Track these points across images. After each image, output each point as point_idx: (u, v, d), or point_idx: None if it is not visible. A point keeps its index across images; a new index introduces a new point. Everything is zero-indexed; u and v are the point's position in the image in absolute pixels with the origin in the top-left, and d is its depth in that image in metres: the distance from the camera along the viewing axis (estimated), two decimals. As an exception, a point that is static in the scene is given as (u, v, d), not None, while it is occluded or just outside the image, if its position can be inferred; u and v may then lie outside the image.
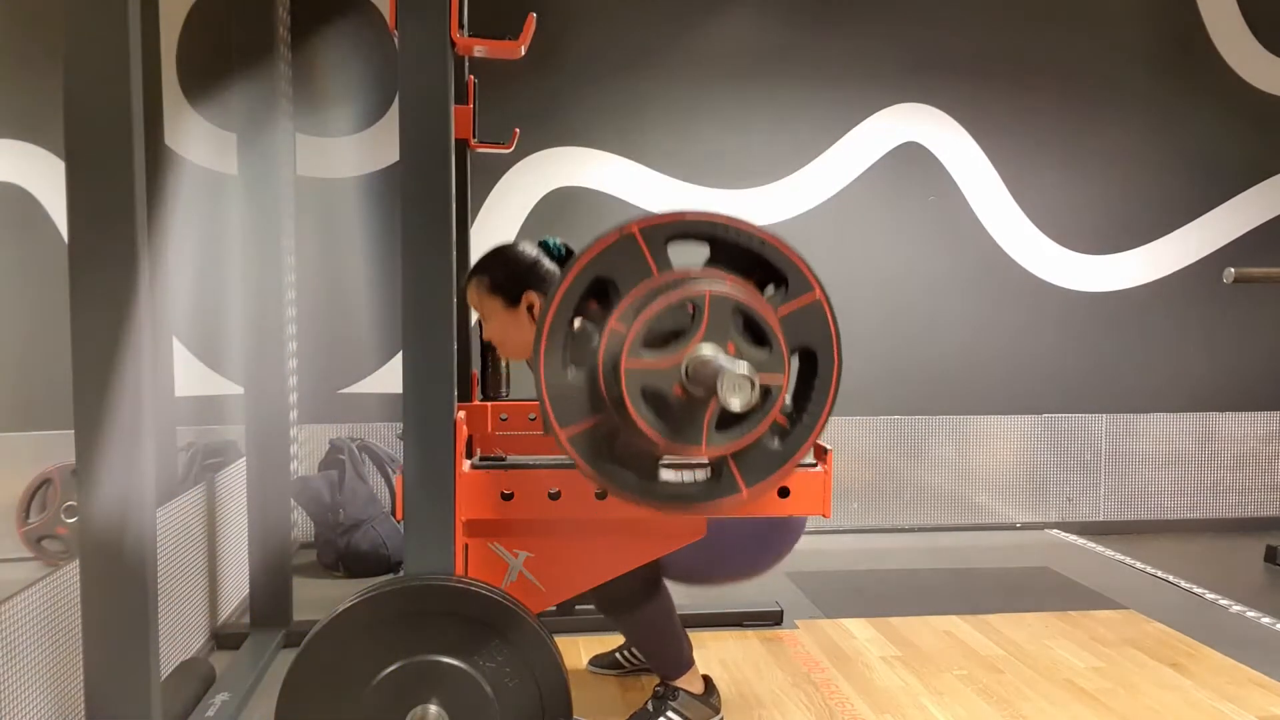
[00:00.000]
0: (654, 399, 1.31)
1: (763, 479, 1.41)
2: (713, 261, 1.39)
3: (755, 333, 1.32)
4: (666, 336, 1.31)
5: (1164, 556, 3.38)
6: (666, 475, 1.40)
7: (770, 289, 1.40)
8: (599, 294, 1.37)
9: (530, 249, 1.99)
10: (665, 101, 3.53)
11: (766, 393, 1.32)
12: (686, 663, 1.98)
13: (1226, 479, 3.84)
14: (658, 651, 1.97)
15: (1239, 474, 3.84)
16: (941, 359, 3.72)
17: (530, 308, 1.96)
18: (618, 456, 1.38)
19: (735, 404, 1.20)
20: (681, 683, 1.96)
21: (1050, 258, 3.76)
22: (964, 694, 2.20)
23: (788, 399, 1.43)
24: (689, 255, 1.39)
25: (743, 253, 1.37)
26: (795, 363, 1.40)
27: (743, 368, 1.21)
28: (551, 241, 2.03)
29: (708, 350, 1.29)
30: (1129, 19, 3.72)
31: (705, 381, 1.26)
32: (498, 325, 2.00)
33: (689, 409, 1.32)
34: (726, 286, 1.32)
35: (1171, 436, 3.82)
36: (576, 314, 1.36)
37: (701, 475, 1.41)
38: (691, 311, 1.30)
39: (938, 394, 3.72)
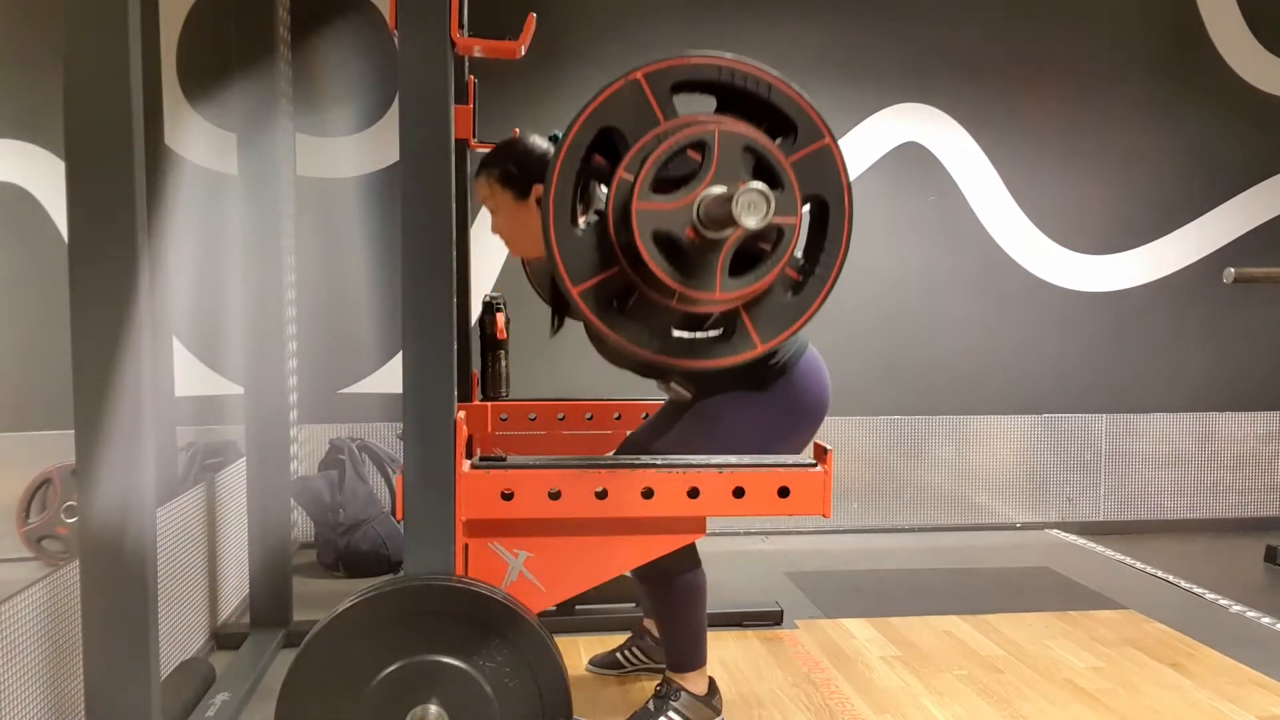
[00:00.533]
0: (666, 243, 1.28)
1: (777, 333, 1.38)
2: (720, 111, 1.35)
3: (766, 174, 1.28)
4: (676, 183, 1.28)
5: (1164, 556, 3.38)
6: (679, 334, 1.38)
7: (779, 141, 1.37)
8: (606, 149, 1.34)
9: (541, 141, 1.95)
10: (665, 101, 3.53)
11: (779, 235, 1.30)
12: (699, 660, 1.97)
13: (1226, 479, 3.84)
14: (677, 636, 1.95)
15: (1239, 474, 3.84)
16: (941, 359, 3.71)
17: (539, 200, 1.90)
18: (631, 313, 1.35)
19: (751, 221, 1.17)
20: (686, 682, 1.96)
21: (1051, 258, 3.76)
22: (964, 694, 2.20)
23: (799, 253, 1.40)
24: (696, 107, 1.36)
25: (751, 100, 1.33)
26: (806, 215, 1.37)
27: (757, 184, 1.17)
28: (560, 135, 1.98)
29: (720, 188, 1.26)
30: (1129, 19, 3.72)
31: (718, 214, 1.23)
32: (506, 219, 1.95)
33: (702, 252, 1.29)
34: (736, 127, 1.29)
35: (1171, 436, 3.82)
36: (583, 169, 1.32)
37: (714, 333, 1.38)
38: (700, 159, 1.26)
39: (938, 394, 3.72)
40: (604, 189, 1.39)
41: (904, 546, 3.51)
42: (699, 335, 1.41)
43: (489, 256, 3.46)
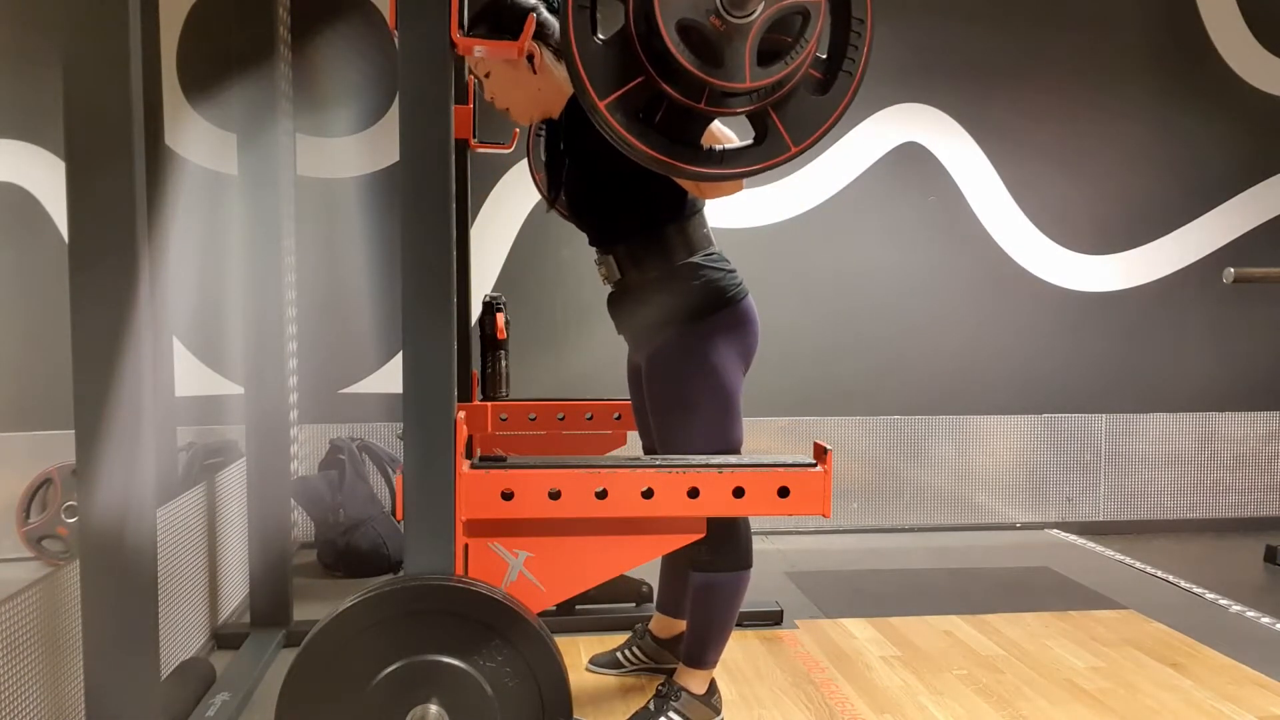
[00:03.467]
0: (691, 35, 1.24)
1: (808, 134, 1.35)
2: None
3: None
4: None
5: (1164, 556, 3.38)
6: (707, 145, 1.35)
7: None
8: None
9: None
10: (665, 101, 3.53)
11: (804, 20, 1.27)
12: (713, 660, 1.98)
13: (1226, 479, 3.84)
14: (705, 630, 1.95)
15: (1239, 474, 3.84)
16: (941, 359, 3.71)
17: (531, 57, 1.85)
18: (659, 126, 1.32)
19: None
20: (688, 681, 1.96)
21: (1050, 258, 3.76)
22: (964, 694, 2.20)
23: (821, 54, 1.37)
24: None
25: None
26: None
27: None
28: None
29: None
30: (1129, 19, 3.72)
31: None
32: (498, 80, 1.90)
33: (728, 40, 1.26)
34: None
35: (1171, 436, 3.82)
36: None
37: (745, 143, 1.35)
38: None
39: (938, 394, 3.72)
40: None
41: (904, 546, 3.51)
42: (729, 147, 1.37)
43: (489, 256, 3.46)
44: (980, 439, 3.74)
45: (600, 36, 1.31)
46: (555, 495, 1.50)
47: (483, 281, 3.42)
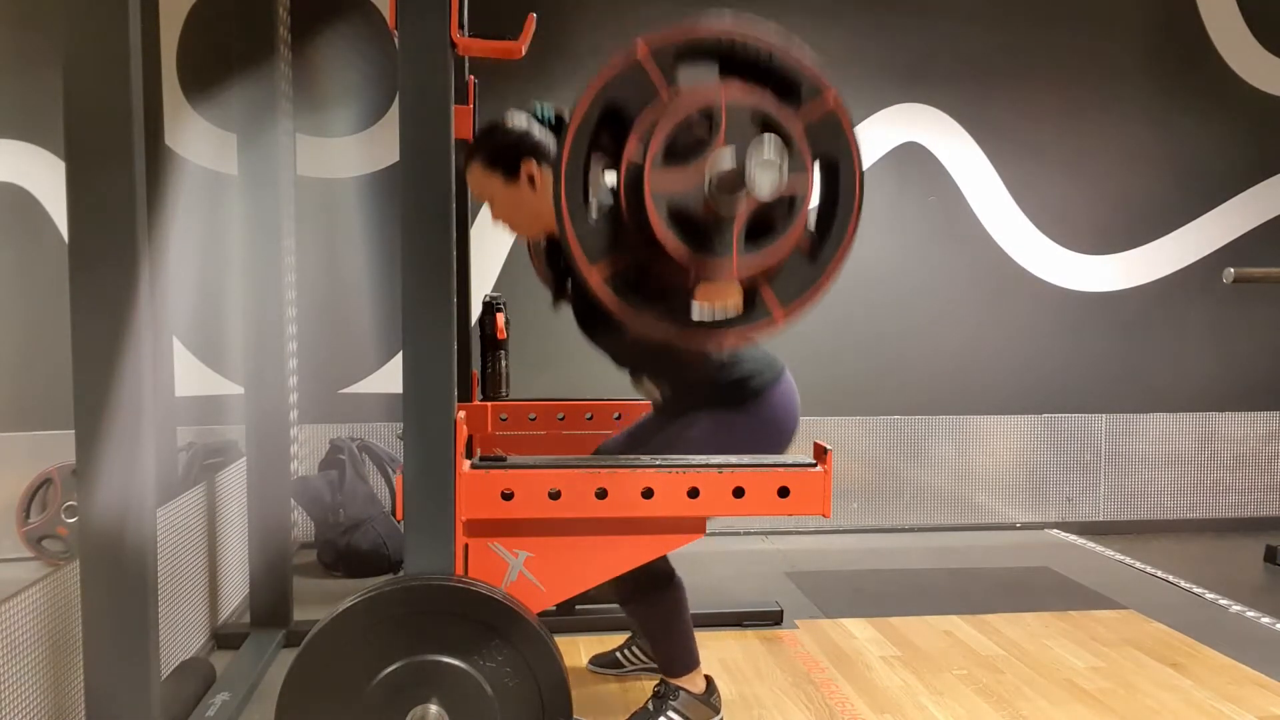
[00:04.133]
0: (681, 219, 1.26)
1: (796, 301, 1.38)
2: (724, 77, 1.34)
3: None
4: (686, 154, 1.27)
5: (1164, 556, 3.38)
6: (698, 312, 1.37)
7: (785, 104, 1.36)
8: (612, 127, 1.32)
9: (519, 119, 1.92)
10: (665, 101, 3.53)
11: (792, 201, 1.29)
12: (693, 662, 1.98)
13: (1226, 479, 3.84)
14: (666, 646, 1.96)
15: (1239, 474, 3.84)
16: (941, 359, 3.71)
17: (530, 178, 1.88)
18: (649, 294, 1.34)
19: (765, 186, 1.16)
20: (683, 682, 1.96)
21: (1050, 258, 3.76)
22: (964, 694, 2.20)
23: (811, 222, 1.39)
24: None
25: (753, 66, 1.32)
26: (817, 180, 1.36)
27: (769, 150, 1.16)
28: (540, 107, 1.96)
29: (729, 156, 1.24)
30: (1129, 19, 3.72)
31: (731, 180, 1.21)
32: (501, 203, 1.93)
33: (717, 225, 1.27)
34: (742, 94, 1.28)
35: (1171, 436, 3.81)
36: (591, 149, 1.30)
37: (733, 310, 1.38)
38: (709, 126, 1.25)
39: (938, 394, 3.72)
40: (608, 178, 1.37)
41: (904, 546, 3.51)
42: (718, 310, 1.39)
43: (489, 256, 3.46)
44: (980, 439, 3.74)
45: (594, 212, 1.32)
46: (555, 495, 1.50)
47: (483, 281, 3.42)
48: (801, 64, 1.33)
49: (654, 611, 1.93)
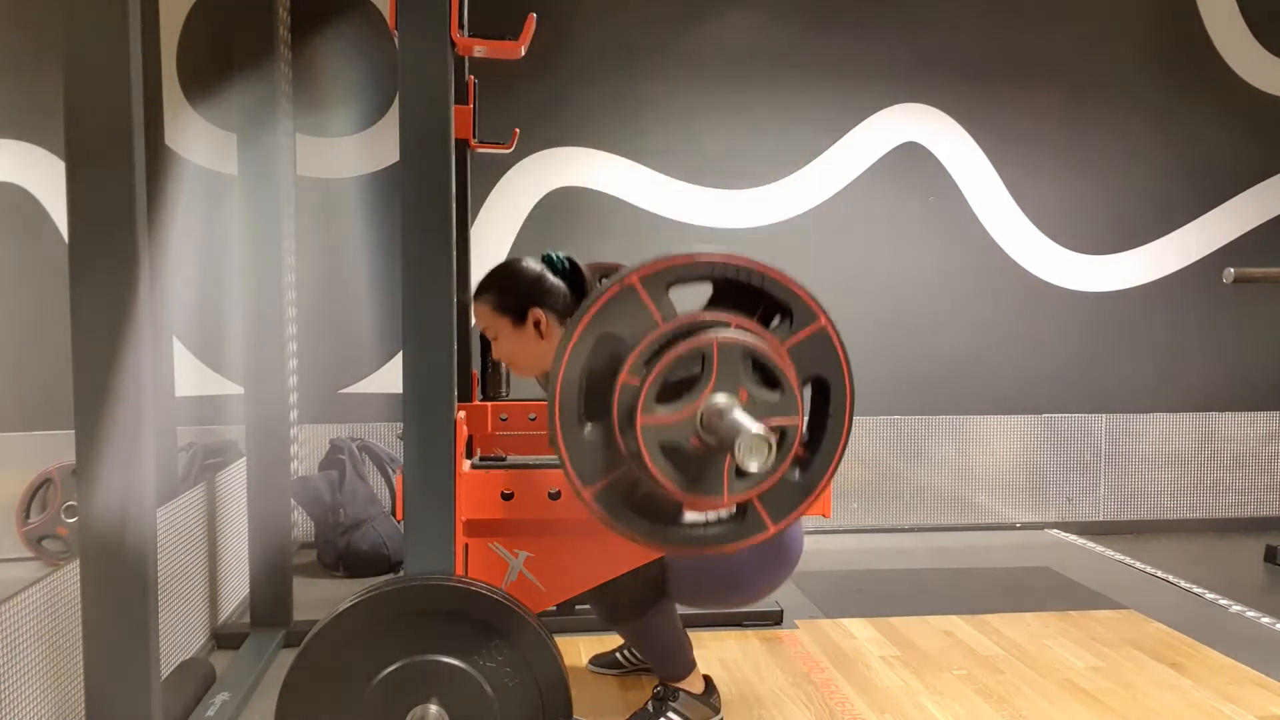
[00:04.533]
0: (672, 452, 1.31)
1: (788, 513, 1.41)
2: (716, 299, 1.39)
3: (765, 375, 1.31)
4: (680, 386, 1.31)
5: (1164, 556, 3.38)
6: (691, 517, 1.40)
7: (776, 320, 1.40)
8: (606, 352, 1.36)
9: (533, 265, 1.99)
10: (665, 101, 3.53)
11: (783, 435, 1.32)
12: (688, 665, 1.98)
13: (1226, 479, 3.84)
14: (660, 657, 1.97)
15: (1238, 474, 3.84)
16: (941, 359, 3.72)
17: (537, 324, 1.95)
18: (640, 506, 1.38)
19: (753, 466, 1.20)
20: (683, 683, 1.96)
21: (1050, 258, 3.76)
22: (964, 694, 2.20)
23: (804, 432, 1.43)
24: (693, 295, 1.39)
25: (744, 288, 1.37)
26: (808, 393, 1.40)
27: (758, 428, 1.19)
28: (554, 255, 2.03)
29: (721, 400, 1.29)
30: (1129, 19, 3.72)
31: (721, 434, 1.26)
32: (507, 344, 2.00)
33: (708, 459, 1.32)
34: (733, 332, 1.31)
35: (1171, 436, 3.82)
36: (586, 374, 1.35)
37: (725, 514, 1.41)
38: (701, 362, 1.29)
39: (938, 394, 3.72)
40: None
41: (904, 546, 3.51)
42: (710, 517, 1.43)
43: (489, 256, 3.46)
44: (980, 439, 3.74)
45: (589, 427, 1.35)
46: (555, 495, 1.50)
47: (483, 281, 3.42)
48: (793, 288, 1.36)
49: (640, 628, 1.94)
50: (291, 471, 2.63)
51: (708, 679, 2.02)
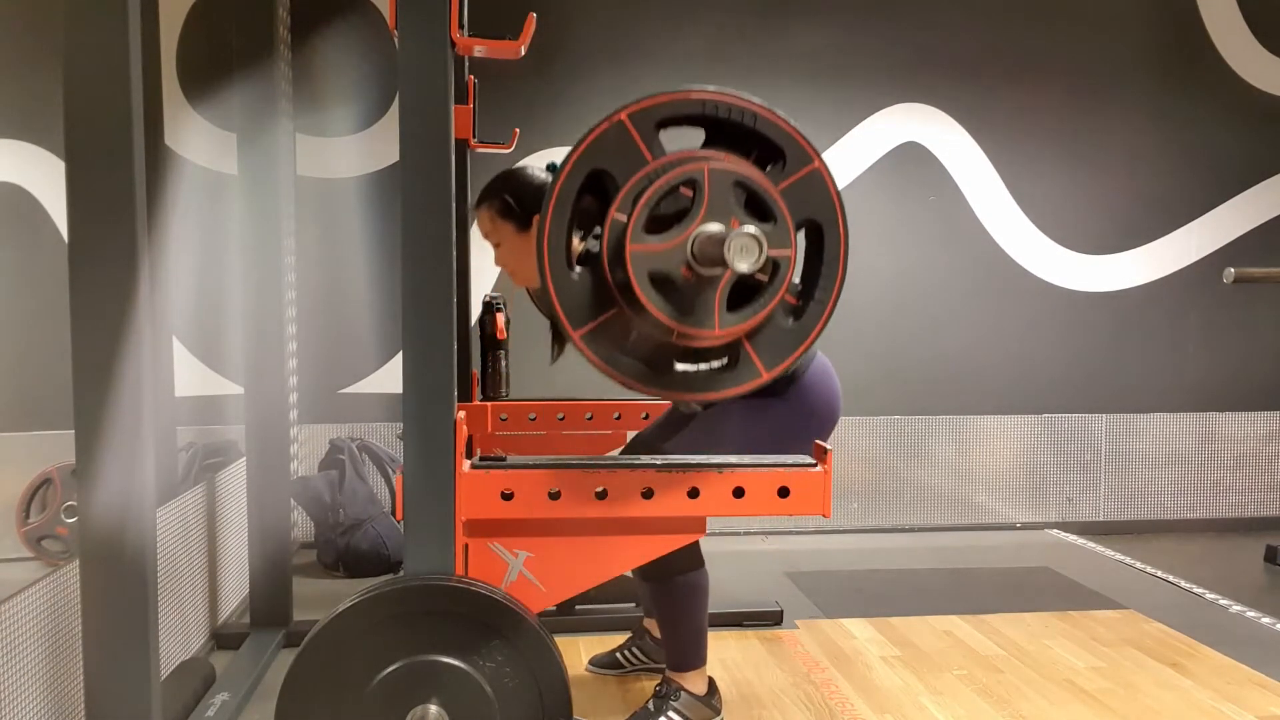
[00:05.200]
0: (662, 283, 1.28)
1: (780, 360, 1.39)
2: (708, 144, 1.36)
3: (758, 208, 1.29)
4: (669, 221, 1.29)
5: (1164, 556, 3.38)
6: (682, 367, 1.38)
7: (770, 167, 1.38)
8: (596, 190, 1.34)
9: (538, 172, 1.95)
10: (665, 101, 3.53)
11: (775, 267, 1.31)
12: (700, 659, 1.97)
13: (1226, 479, 3.84)
14: (678, 636, 1.95)
15: (1239, 474, 3.84)
16: (941, 359, 3.71)
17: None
18: (632, 351, 1.36)
19: (744, 266, 1.18)
20: (685, 681, 1.96)
21: (1051, 258, 3.76)
22: (964, 694, 2.20)
23: (796, 279, 1.41)
24: (684, 141, 1.37)
25: (737, 130, 1.34)
26: (802, 241, 1.37)
27: (749, 228, 1.18)
28: (558, 165, 1.98)
29: (712, 227, 1.27)
30: (1129, 19, 3.72)
31: (712, 254, 1.23)
32: (508, 251, 1.96)
33: (698, 290, 1.29)
34: (725, 162, 1.29)
35: (1171, 436, 3.82)
36: (575, 212, 1.33)
37: (717, 364, 1.39)
38: (691, 194, 1.27)
39: (938, 394, 3.72)
40: (591, 240, 1.39)
41: (904, 546, 3.51)
42: (703, 367, 1.41)
43: (489, 257, 3.45)
44: (980, 439, 3.74)
45: (577, 270, 1.34)
46: (555, 495, 1.50)
47: (483, 281, 3.42)
48: (786, 129, 1.34)
49: (674, 596, 1.92)
50: (291, 471, 2.63)
51: (710, 680, 2.01)
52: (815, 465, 1.55)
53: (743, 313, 1.32)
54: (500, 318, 2.29)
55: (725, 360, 1.39)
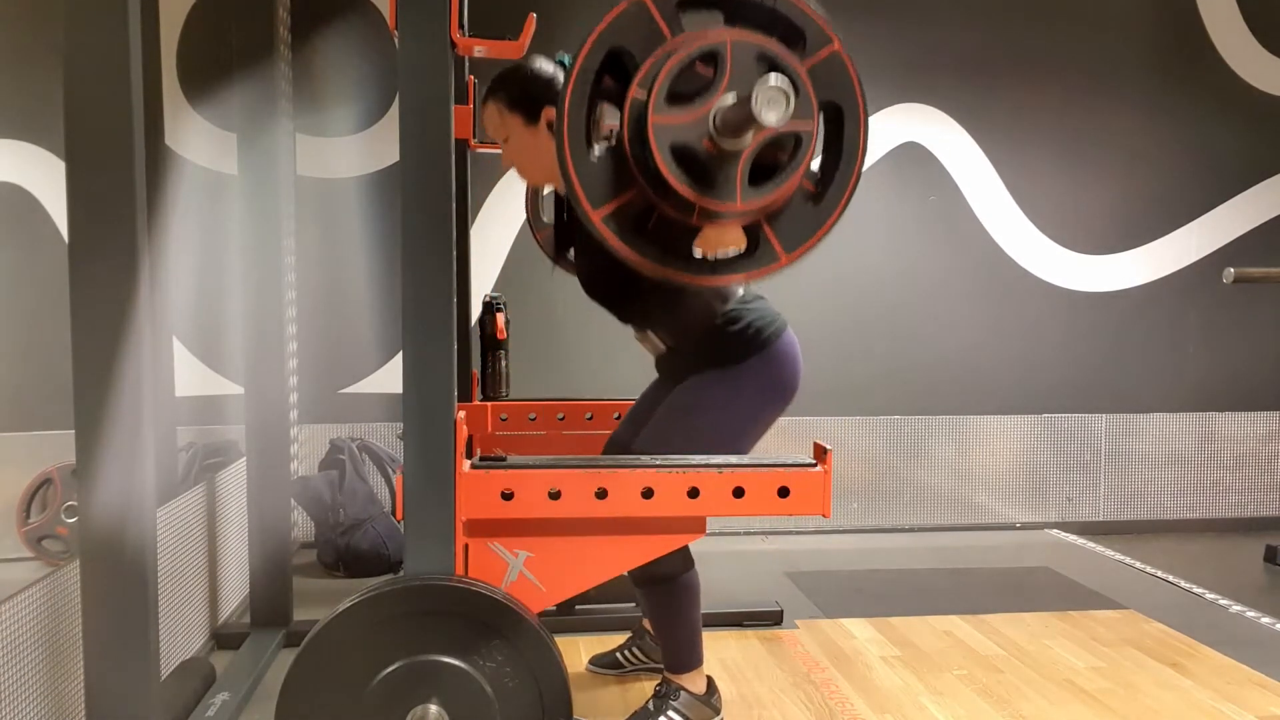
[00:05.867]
0: (684, 157, 1.27)
1: (800, 244, 1.38)
2: (728, 24, 1.35)
3: None
4: (690, 96, 1.27)
5: (1164, 556, 3.38)
6: (699, 254, 1.38)
7: (790, 50, 1.36)
8: (616, 71, 1.32)
9: (546, 65, 1.90)
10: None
11: (797, 143, 1.29)
12: (697, 659, 1.97)
13: (1226, 479, 3.84)
14: (674, 637, 1.95)
15: (1239, 474, 3.84)
16: (941, 359, 3.71)
17: (550, 124, 1.86)
18: (651, 234, 1.34)
19: (771, 118, 1.15)
20: (684, 681, 1.96)
21: (1051, 258, 3.76)
22: (964, 694, 2.20)
23: (815, 165, 1.39)
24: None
25: (757, 12, 1.33)
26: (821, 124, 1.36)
27: (776, 79, 1.16)
28: (567, 59, 1.96)
29: (734, 97, 1.25)
30: (1129, 19, 3.72)
31: (736, 117, 1.21)
32: (517, 145, 1.91)
33: (720, 163, 1.28)
34: (747, 36, 1.28)
35: (1171, 436, 3.82)
36: (595, 92, 1.30)
37: (735, 252, 1.38)
38: (712, 72, 1.25)
39: (938, 394, 3.72)
40: (612, 119, 1.37)
41: (904, 546, 3.51)
42: (720, 252, 1.40)
43: (489, 257, 3.46)
44: (980, 439, 3.74)
45: (596, 149, 1.32)
46: (555, 495, 1.50)
47: (483, 281, 3.42)
48: (806, 11, 1.33)
49: (666, 599, 1.92)
50: (291, 471, 2.63)
51: (709, 679, 2.01)
52: (815, 465, 1.55)
53: (764, 188, 1.30)
54: (500, 318, 2.29)
55: (742, 249, 1.38)
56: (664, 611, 1.95)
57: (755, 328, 1.84)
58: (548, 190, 2.25)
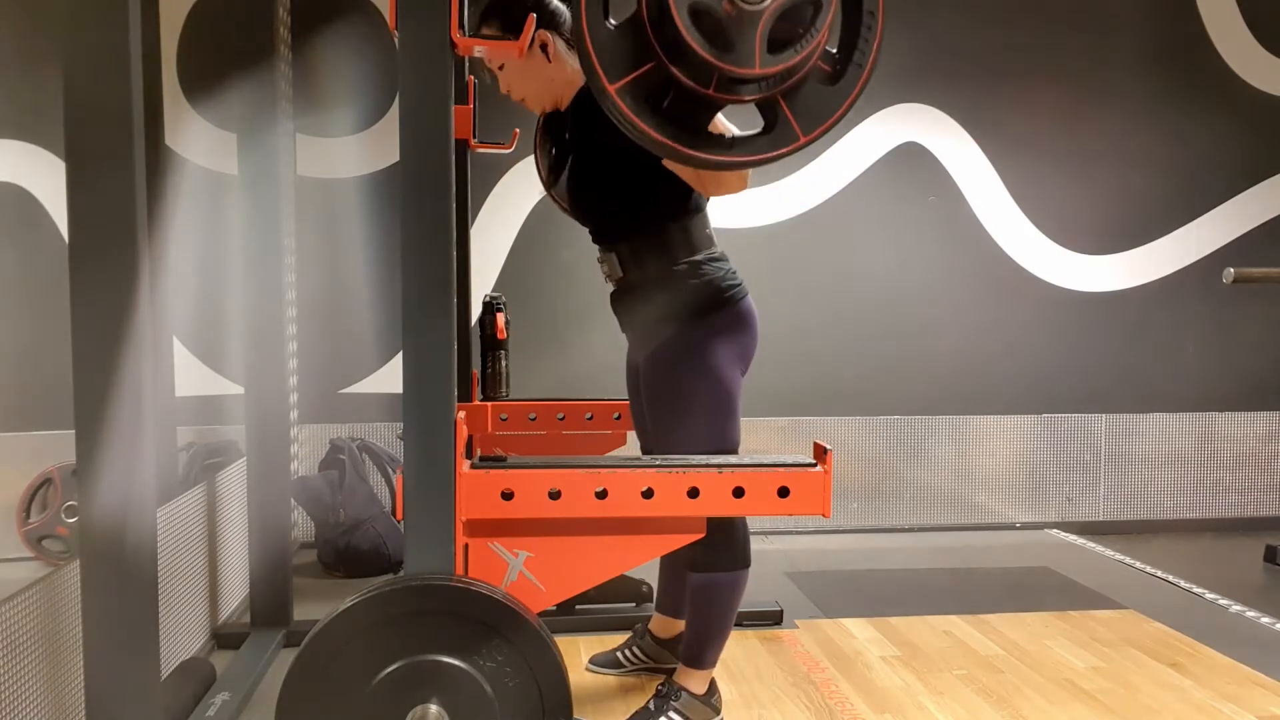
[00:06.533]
0: (703, 20, 1.26)
1: (817, 124, 1.37)
2: None
3: None
4: None
5: (1164, 556, 3.38)
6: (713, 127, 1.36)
7: None
8: None
9: None
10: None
11: (815, 11, 1.28)
12: (713, 660, 1.98)
13: (1226, 479, 3.84)
14: (706, 630, 1.95)
15: (1239, 474, 3.84)
16: (941, 359, 3.71)
17: (544, 47, 1.88)
18: (668, 112, 1.33)
19: None
20: (688, 681, 1.96)
21: (1050, 258, 3.76)
22: (964, 694, 2.20)
23: (831, 48, 1.38)
24: None
25: None
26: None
27: None
28: None
29: None
30: (1129, 20, 3.72)
31: None
32: (512, 72, 1.92)
33: (739, 25, 1.27)
34: None
35: (1171, 436, 3.82)
36: None
37: (752, 134, 1.36)
38: None
39: (938, 394, 3.72)
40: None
41: (904, 546, 3.51)
42: (739, 134, 1.38)
43: (489, 256, 3.46)
44: (980, 439, 3.74)
45: (612, 21, 1.32)
46: (555, 495, 1.50)
47: (483, 281, 3.42)
48: None
49: (715, 591, 1.91)
50: (291, 471, 2.63)
51: (711, 680, 2.01)
52: (815, 465, 1.55)
53: (784, 54, 1.30)
54: (500, 318, 2.29)
55: (762, 124, 1.37)
56: (706, 603, 1.93)
57: (721, 284, 1.87)
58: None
